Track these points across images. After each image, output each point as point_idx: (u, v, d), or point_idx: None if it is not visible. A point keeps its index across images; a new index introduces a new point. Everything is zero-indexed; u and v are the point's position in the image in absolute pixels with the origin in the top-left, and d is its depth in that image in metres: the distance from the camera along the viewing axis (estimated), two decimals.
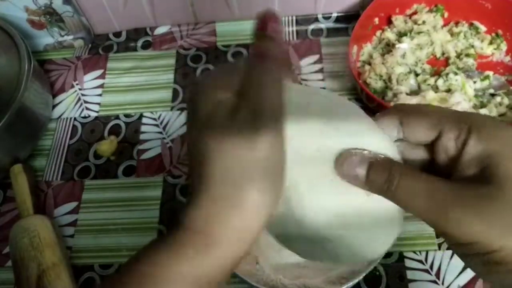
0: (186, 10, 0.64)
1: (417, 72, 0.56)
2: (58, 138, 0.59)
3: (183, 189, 0.53)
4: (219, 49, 0.64)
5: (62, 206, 0.54)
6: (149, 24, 0.67)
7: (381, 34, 0.59)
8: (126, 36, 0.67)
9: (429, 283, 0.45)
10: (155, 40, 0.66)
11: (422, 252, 0.46)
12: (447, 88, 0.52)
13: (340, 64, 0.60)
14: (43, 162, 0.57)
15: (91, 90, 0.63)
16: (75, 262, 0.50)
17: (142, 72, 0.63)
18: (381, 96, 0.54)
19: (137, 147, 0.57)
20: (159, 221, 0.51)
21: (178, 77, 0.62)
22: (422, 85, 0.53)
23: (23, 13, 0.60)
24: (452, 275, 0.45)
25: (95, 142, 0.58)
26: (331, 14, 0.64)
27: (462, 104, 0.49)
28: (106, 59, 0.65)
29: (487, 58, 0.57)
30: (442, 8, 0.58)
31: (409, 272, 0.45)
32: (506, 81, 0.54)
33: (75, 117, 0.61)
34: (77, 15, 0.62)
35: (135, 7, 0.63)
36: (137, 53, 0.65)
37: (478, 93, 0.52)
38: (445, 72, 0.53)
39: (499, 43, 0.56)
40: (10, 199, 0.55)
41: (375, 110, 0.55)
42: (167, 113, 0.59)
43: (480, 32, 0.57)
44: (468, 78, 0.52)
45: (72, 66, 0.65)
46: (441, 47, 0.58)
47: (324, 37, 0.63)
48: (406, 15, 0.60)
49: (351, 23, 0.63)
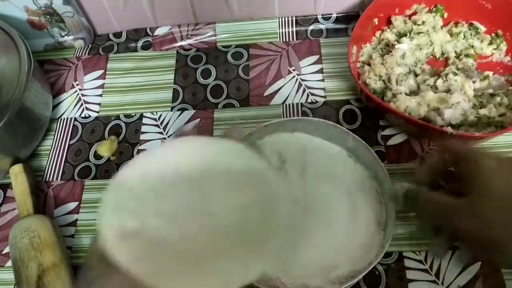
0: (186, 11, 0.64)
1: (416, 73, 0.56)
2: (59, 138, 0.59)
3: None
4: (219, 50, 0.64)
5: (62, 206, 0.54)
6: (149, 25, 0.67)
7: (380, 34, 0.59)
8: (126, 36, 0.67)
9: (429, 283, 0.45)
10: (155, 40, 0.66)
11: (422, 252, 0.46)
12: (447, 88, 0.52)
13: (340, 64, 0.60)
14: (43, 162, 0.57)
15: (92, 90, 0.63)
16: (75, 262, 0.50)
17: (142, 73, 0.63)
18: (380, 96, 0.54)
19: (137, 147, 0.57)
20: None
21: (178, 78, 0.62)
22: (421, 86, 0.53)
23: (23, 13, 0.60)
24: (452, 275, 0.45)
25: (96, 142, 0.58)
26: (331, 15, 0.64)
27: (462, 104, 0.49)
28: (107, 60, 0.65)
29: (487, 58, 0.57)
30: (442, 9, 0.58)
31: (409, 272, 0.45)
32: (506, 81, 0.54)
33: (75, 117, 0.61)
34: (78, 15, 0.63)
35: (136, 7, 0.63)
36: (137, 54, 0.66)
37: (477, 93, 0.52)
38: (445, 73, 0.53)
39: (499, 43, 0.56)
40: (10, 199, 0.55)
41: (375, 111, 0.55)
42: (167, 113, 0.59)
43: (480, 32, 0.57)
44: (467, 78, 0.52)
45: (73, 67, 0.65)
46: (440, 47, 0.58)
47: (324, 37, 0.63)
48: (405, 15, 0.60)
49: (350, 24, 0.63)
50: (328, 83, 0.59)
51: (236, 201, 0.28)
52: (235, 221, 0.27)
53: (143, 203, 0.27)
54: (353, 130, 0.55)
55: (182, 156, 0.30)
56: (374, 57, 0.57)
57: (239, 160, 0.30)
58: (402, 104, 0.50)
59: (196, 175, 0.29)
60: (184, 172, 0.29)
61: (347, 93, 0.58)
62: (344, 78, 0.59)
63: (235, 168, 0.29)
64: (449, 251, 0.45)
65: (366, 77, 0.55)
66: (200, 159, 0.29)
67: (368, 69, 0.56)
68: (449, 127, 0.47)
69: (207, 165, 0.29)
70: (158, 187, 0.28)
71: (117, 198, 0.27)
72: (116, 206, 0.27)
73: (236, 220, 0.27)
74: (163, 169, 0.29)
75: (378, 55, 0.58)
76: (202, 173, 0.29)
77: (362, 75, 0.56)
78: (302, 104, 0.58)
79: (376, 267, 0.45)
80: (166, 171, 0.29)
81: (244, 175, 0.29)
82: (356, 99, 0.57)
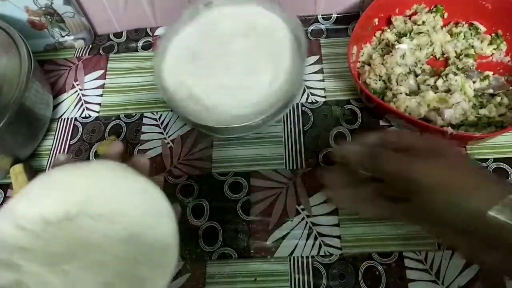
0: None
1: (416, 73, 0.56)
2: (59, 138, 0.59)
3: (183, 189, 0.53)
4: None
5: None
6: (150, 25, 0.67)
7: (380, 34, 0.59)
8: (126, 36, 0.67)
9: (429, 283, 0.45)
10: (156, 40, 0.66)
11: (422, 252, 0.46)
12: (447, 88, 0.52)
13: (340, 64, 0.60)
14: (44, 162, 0.57)
15: (92, 90, 0.63)
16: None
17: (143, 73, 0.63)
18: (380, 96, 0.54)
19: (137, 147, 0.57)
20: None
21: None
22: (421, 86, 0.53)
23: (23, 13, 0.60)
24: (452, 275, 0.45)
25: (96, 142, 0.58)
26: (331, 15, 0.64)
27: (462, 104, 0.49)
28: (107, 60, 0.65)
29: (487, 59, 0.57)
30: (442, 9, 0.58)
31: (409, 272, 0.45)
32: (506, 81, 0.54)
33: (75, 117, 0.61)
34: (78, 15, 0.63)
35: (136, 7, 0.63)
36: (138, 54, 0.66)
37: (477, 93, 0.52)
38: (445, 73, 0.53)
39: (499, 43, 0.56)
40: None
41: (375, 111, 0.55)
42: (167, 113, 0.59)
43: (480, 32, 0.57)
44: (467, 78, 0.52)
45: (73, 67, 0.65)
46: (440, 47, 0.58)
47: (324, 37, 0.63)
48: (405, 15, 0.60)
49: (350, 24, 0.63)
50: (328, 83, 0.59)
51: (119, 226, 0.28)
52: (118, 251, 0.27)
53: (18, 252, 0.26)
54: (353, 130, 0.55)
55: (57, 190, 0.29)
56: (374, 57, 0.57)
57: (118, 182, 0.30)
58: (402, 104, 0.50)
59: (75, 209, 0.29)
60: (60, 210, 0.28)
61: (347, 93, 0.58)
62: (344, 78, 0.59)
63: (114, 191, 0.30)
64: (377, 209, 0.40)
65: (366, 77, 0.55)
66: (75, 190, 0.29)
67: (368, 69, 0.56)
68: (449, 127, 0.47)
69: (85, 194, 0.29)
70: (33, 231, 0.27)
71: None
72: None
73: (119, 252, 0.27)
74: (38, 209, 0.28)
75: (378, 55, 0.58)
76: (80, 204, 0.29)
77: (362, 75, 0.56)
78: (302, 104, 0.58)
79: (376, 267, 0.46)
80: (41, 210, 0.28)
81: (125, 196, 0.29)
82: (356, 99, 0.57)
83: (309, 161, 0.53)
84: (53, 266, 0.26)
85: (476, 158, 0.51)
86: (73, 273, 0.26)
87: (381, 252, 0.46)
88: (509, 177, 0.50)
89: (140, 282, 0.26)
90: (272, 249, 0.48)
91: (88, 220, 0.28)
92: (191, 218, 0.51)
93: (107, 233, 0.28)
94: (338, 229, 0.48)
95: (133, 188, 0.30)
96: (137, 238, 0.28)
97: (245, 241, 0.49)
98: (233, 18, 0.56)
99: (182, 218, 0.51)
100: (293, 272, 0.47)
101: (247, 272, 0.47)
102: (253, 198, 0.51)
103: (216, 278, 0.47)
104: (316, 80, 0.59)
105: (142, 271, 0.27)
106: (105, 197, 0.29)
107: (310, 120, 0.56)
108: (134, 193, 0.30)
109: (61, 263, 0.26)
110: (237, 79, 0.52)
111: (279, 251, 0.48)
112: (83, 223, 0.28)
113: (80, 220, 0.28)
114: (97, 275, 0.26)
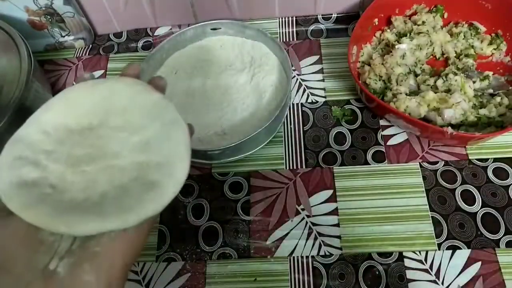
0: (187, 11, 0.64)
1: (416, 73, 0.56)
2: None
3: (183, 189, 0.53)
4: None
5: None
6: (150, 25, 0.67)
7: (380, 34, 0.60)
8: (126, 36, 0.67)
9: (429, 283, 0.45)
10: (156, 40, 0.66)
11: (422, 252, 0.46)
12: (447, 88, 0.52)
13: (340, 64, 0.60)
14: None
15: None
16: None
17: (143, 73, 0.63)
18: (380, 96, 0.54)
19: None
20: (160, 221, 0.51)
21: None
22: (421, 86, 0.53)
23: (23, 13, 0.61)
24: (452, 275, 0.45)
25: None
26: (331, 15, 0.64)
27: (462, 104, 0.49)
28: (107, 60, 0.65)
29: (487, 59, 0.57)
30: (442, 9, 0.58)
31: (409, 272, 0.45)
32: (506, 81, 0.54)
33: None
34: (78, 15, 0.63)
35: (136, 7, 0.63)
36: (138, 54, 0.66)
37: (477, 93, 0.52)
38: (445, 73, 0.53)
39: (499, 44, 0.56)
40: None
41: (375, 111, 0.55)
42: None
43: (480, 32, 0.57)
44: (467, 78, 0.52)
45: (73, 67, 0.65)
46: (440, 47, 0.58)
47: (324, 37, 0.63)
48: (405, 15, 0.60)
49: (350, 24, 0.64)
50: (328, 83, 0.59)
51: (136, 137, 0.30)
52: (134, 157, 0.29)
53: (43, 154, 0.28)
54: (353, 130, 0.55)
55: (78, 104, 0.31)
56: (374, 57, 0.57)
57: (135, 96, 0.31)
58: (402, 104, 0.50)
59: (95, 120, 0.30)
60: (82, 120, 0.30)
61: (347, 93, 0.58)
62: (344, 78, 0.59)
63: (132, 105, 0.31)
64: None
65: (366, 77, 0.55)
66: (95, 104, 0.31)
67: (368, 69, 0.56)
68: (449, 127, 0.47)
69: (104, 108, 0.31)
70: (57, 137, 0.30)
71: (16, 152, 0.29)
72: (14, 158, 0.28)
73: (135, 158, 0.29)
74: (61, 119, 0.31)
75: (378, 55, 0.58)
76: (100, 116, 0.31)
77: (362, 75, 0.56)
78: (302, 104, 0.58)
79: (376, 267, 0.46)
80: (64, 120, 0.30)
81: (141, 109, 0.31)
82: (356, 99, 0.57)
83: (309, 161, 0.53)
84: (74, 167, 0.28)
85: (476, 158, 0.51)
86: (92, 174, 0.28)
87: (381, 252, 0.46)
88: (509, 177, 0.50)
89: (152, 187, 0.28)
90: (272, 249, 0.48)
91: (108, 130, 0.30)
92: (191, 218, 0.51)
93: (125, 142, 0.30)
94: (338, 229, 0.48)
95: (150, 102, 0.31)
96: (153, 148, 0.29)
97: (245, 241, 0.49)
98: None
99: (182, 218, 0.51)
100: (293, 272, 0.46)
101: (247, 272, 0.47)
102: (253, 198, 0.51)
103: (216, 278, 0.47)
104: (316, 80, 0.60)
105: (155, 178, 0.28)
106: (124, 110, 0.31)
107: (310, 120, 0.56)
108: (151, 107, 0.31)
109: (82, 165, 0.28)
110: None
111: (279, 251, 0.48)
112: (103, 133, 0.30)
113: (100, 131, 0.30)
114: (114, 178, 0.28)
